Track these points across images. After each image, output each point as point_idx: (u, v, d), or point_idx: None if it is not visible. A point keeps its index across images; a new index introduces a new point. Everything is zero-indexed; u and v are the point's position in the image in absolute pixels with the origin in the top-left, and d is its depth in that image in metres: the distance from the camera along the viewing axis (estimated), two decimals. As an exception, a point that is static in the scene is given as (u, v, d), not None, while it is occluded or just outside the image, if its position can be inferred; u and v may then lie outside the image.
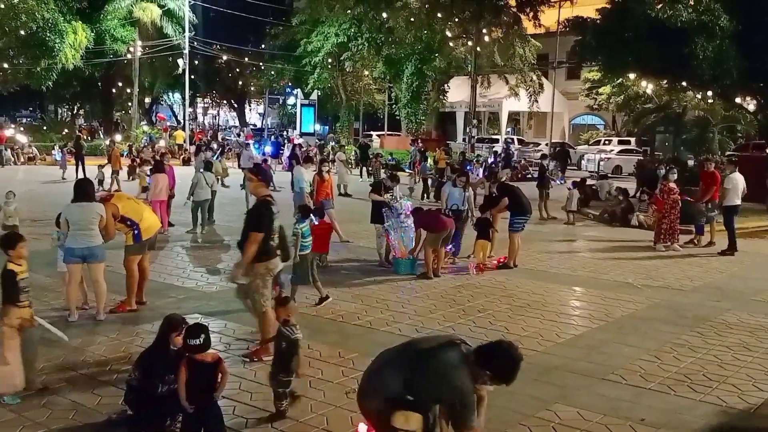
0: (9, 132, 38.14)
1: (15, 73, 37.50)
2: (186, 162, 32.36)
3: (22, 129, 42.35)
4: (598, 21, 26.99)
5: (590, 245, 15.13)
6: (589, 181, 22.35)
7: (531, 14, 36.78)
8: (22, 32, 33.80)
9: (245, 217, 7.06)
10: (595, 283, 11.12)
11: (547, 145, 38.71)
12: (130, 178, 24.35)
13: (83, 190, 8.28)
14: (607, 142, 40.35)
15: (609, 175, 27.08)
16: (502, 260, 12.10)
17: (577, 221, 18.20)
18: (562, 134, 45.84)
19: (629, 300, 10.01)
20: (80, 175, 23.90)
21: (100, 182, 22.87)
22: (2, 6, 30.37)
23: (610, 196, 20.92)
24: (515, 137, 43.49)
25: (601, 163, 34.18)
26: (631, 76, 31.95)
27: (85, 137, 34.62)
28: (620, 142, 38.89)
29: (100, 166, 24.09)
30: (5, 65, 36.45)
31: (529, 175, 28.67)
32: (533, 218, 17.84)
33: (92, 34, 38.07)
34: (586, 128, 50.35)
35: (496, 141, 39.90)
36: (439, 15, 35.41)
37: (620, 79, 35.06)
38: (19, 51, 35.73)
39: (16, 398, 5.86)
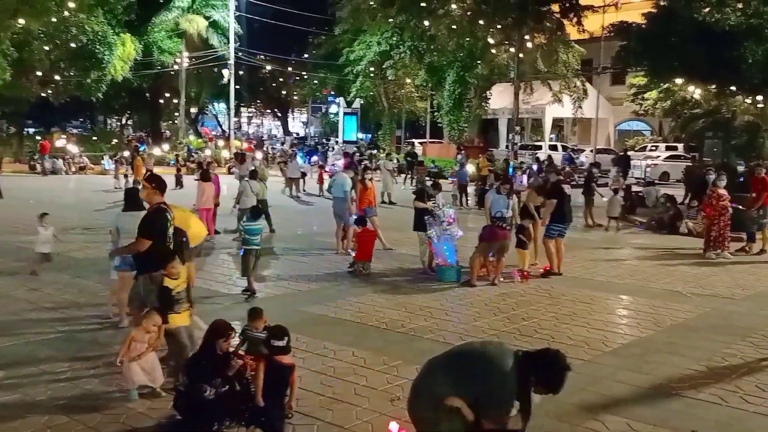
0: (60, 142, 39.22)
1: (66, 85, 38.54)
2: (231, 171, 32.77)
3: (73, 139, 43.42)
4: (643, 25, 26.57)
5: (638, 253, 14.87)
6: (635, 188, 21.99)
7: (575, 20, 36.36)
8: (73, 45, 34.73)
9: (139, 223, 6.87)
10: (643, 291, 10.93)
11: (591, 151, 38.21)
12: (178, 187, 24.78)
13: (134, 199, 8.44)
14: (653, 148, 39.61)
15: (656, 181, 26.60)
16: (547, 268, 11.98)
17: (623, 228, 17.93)
18: (607, 140, 45.20)
19: (678, 309, 9.81)
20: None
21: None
22: (54, 19, 31.26)
23: (657, 203, 20.55)
24: (559, 143, 43.03)
25: (648, 169, 33.57)
26: (678, 80, 31.32)
27: (136, 147, 35.42)
28: (667, 148, 38.13)
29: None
30: (57, 77, 37.48)
31: (574, 182, 28.30)
32: (579, 226, 17.76)
33: (140, 45, 39.05)
34: (631, 134, 49.55)
35: (539, 148, 39.54)
36: (481, 22, 35.28)
37: (667, 84, 34.38)
38: (70, 63, 36.71)
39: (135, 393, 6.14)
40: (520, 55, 35.75)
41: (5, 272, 11.34)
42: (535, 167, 25.17)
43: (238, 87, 45.59)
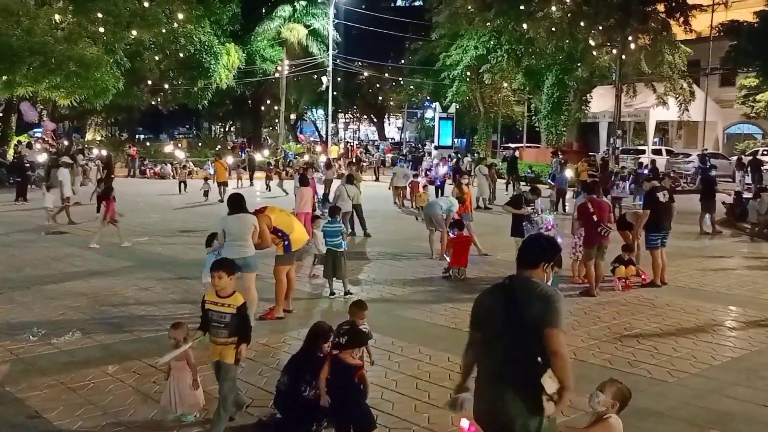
0: (168, 148, 41.12)
1: (174, 93, 40.41)
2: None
3: (180, 145, 45.44)
4: (755, 24, 25.34)
5: (747, 262, 14.15)
6: (745, 195, 20.93)
7: (681, 19, 34.96)
8: (181, 55, 36.39)
9: None
10: (754, 303, 10.38)
11: (698, 155, 36.63)
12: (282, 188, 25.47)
13: (239, 203, 8.72)
14: (765, 152, 37.57)
15: (769, 187, 25.18)
16: (647, 279, 11.52)
17: (733, 236, 17.13)
18: (715, 144, 43.21)
19: (794, 322, 9.27)
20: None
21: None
22: (164, 31, 32.82)
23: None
24: (663, 147, 41.46)
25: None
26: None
27: (250, 152, 36.77)
28: (781, 153, 36.11)
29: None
30: (166, 86, 39.34)
31: (679, 188, 27.28)
32: (690, 233, 17.09)
33: (243, 54, 40.52)
34: (742, 138, 47.14)
35: (642, 152, 38.22)
36: (582, 24, 34.49)
37: (781, 85, 32.59)
38: (178, 72, 38.49)
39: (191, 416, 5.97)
40: (623, 56, 34.67)
41: (117, 271, 11.98)
42: (645, 173, 24.10)
43: (335, 93, 46.40)
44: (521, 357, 3.86)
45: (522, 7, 34.84)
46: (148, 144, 47.20)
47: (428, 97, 56.49)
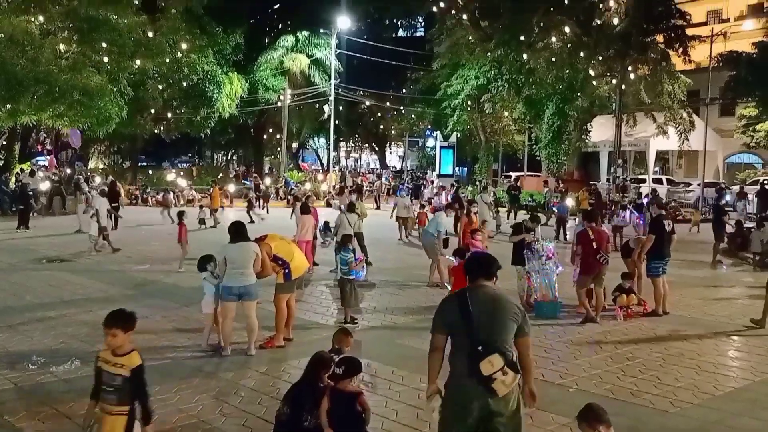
0: (171, 176, 41.26)
1: (177, 122, 40.65)
2: (329, 204, 33.44)
3: (182, 174, 45.61)
4: (754, 55, 25.53)
5: (750, 291, 14.07)
6: (747, 224, 20.94)
7: (680, 50, 35.25)
8: (184, 84, 36.68)
9: None
10: (757, 333, 10.33)
11: (699, 185, 36.68)
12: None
13: (240, 231, 8.74)
14: (766, 181, 37.64)
15: (770, 216, 25.17)
16: (648, 309, 11.46)
17: (734, 266, 17.09)
18: (715, 173, 43.28)
19: (797, 352, 9.22)
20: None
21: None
22: (167, 60, 33.12)
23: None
24: (664, 177, 41.54)
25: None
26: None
27: (256, 180, 36.97)
28: (781, 182, 36.12)
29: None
30: (169, 114, 39.61)
31: (680, 217, 27.30)
32: (693, 261, 17.08)
33: (246, 84, 40.83)
34: (742, 167, 47.29)
35: (643, 181, 38.29)
36: (582, 54, 34.78)
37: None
38: (181, 101, 38.76)
39: None
40: (623, 86, 34.90)
41: (117, 299, 11.96)
42: (644, 201, 24.13)
43: (337, 122, 46.66)
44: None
45: (522, 38, 35.15)
46: (150, 172, 47.39)
47: (429, 126, 56.83)
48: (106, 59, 28.29)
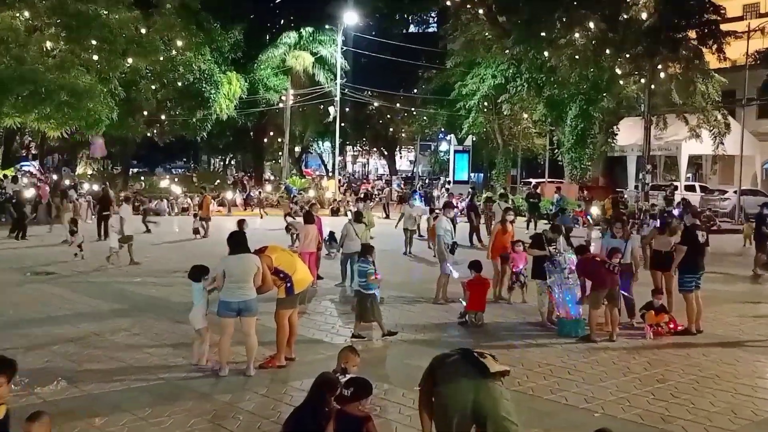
0: (164, 183, 41.41)
1: (171, 124, 40.85)
2: (335, 212, 33.50)
3: (176, 180, 45.74)
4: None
5: (791, 309, 14.01)
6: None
7: (714, 47, 35.21)
8: (180, 84, 36.87)
9: None
10: (799, 354, 10.27)
11: (735, 192, 36.54)
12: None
13: (240, 242, 8.74)
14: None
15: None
16: (681, 326, 11.38)
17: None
18: (753, 180, 43.11)
19: (843, 375, 9.15)
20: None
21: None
22: (161, 58, 33.29)
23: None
24: (697, 183, 41.39)
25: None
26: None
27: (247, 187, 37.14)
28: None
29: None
30: (162, 116, 39.79)
31: (715, 227, 27.19)
32: (728, 275, 17.01)
33: (246, 83, 40.95)
34: (782, 173, 47.14)
35: (675, 188, 38.18)
36: (607, 51, 34.79)
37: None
38: (176, 102, 38.96)
39: None
40: (652, 86, 34.85)
41: (107, 315, 11.99)
42: (676, 212, 24.00)
43: (342, 124, 46.79)
44: None
45: (543, 34, 35.15)
46: (142, 178, 47.61)
47: (442, 129, 56.81)
48: (95, 57, 28.50)
